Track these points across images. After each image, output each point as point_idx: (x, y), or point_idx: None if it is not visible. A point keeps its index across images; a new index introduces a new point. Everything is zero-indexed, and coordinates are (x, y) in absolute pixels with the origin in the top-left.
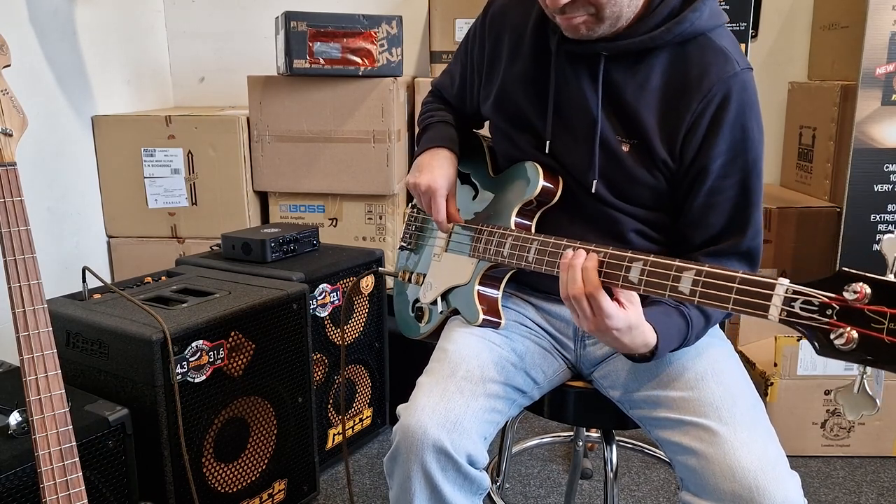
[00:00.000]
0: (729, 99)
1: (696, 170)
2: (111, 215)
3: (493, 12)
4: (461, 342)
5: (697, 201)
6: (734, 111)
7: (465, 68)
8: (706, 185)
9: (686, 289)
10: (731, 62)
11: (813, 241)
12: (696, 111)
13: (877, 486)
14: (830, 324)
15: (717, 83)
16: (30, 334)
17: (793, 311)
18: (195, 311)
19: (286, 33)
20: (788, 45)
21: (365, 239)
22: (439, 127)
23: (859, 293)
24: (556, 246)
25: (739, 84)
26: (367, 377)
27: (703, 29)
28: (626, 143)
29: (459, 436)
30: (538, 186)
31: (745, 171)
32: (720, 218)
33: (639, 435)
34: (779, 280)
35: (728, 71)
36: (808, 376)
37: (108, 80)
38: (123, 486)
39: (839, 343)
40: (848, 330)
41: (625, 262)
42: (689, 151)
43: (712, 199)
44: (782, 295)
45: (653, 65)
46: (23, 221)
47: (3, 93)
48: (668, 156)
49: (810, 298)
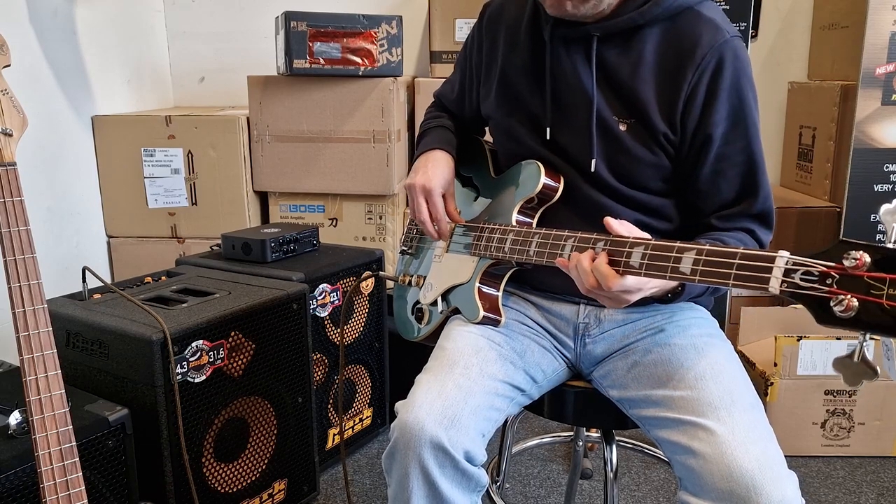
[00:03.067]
0: (723, 66)
1: (699, 139)
2: (111, 215)
3: (489, 14)
4: (461, 340)
5: (705, 170)
6: (729, 78)
7: (465, 73)
8: (712, 153)
9: (687, 269)
10: (721, 31)
11: (813, 241)
12: (692, 81)
13: (877, 486)
14: (830, 292)
15: (710, 51)
16: (30, 334)
17: (793, 282)
18: (195, 311)
19: (286, 33)
20: (788, 45)
21: (365, 239)
22: (436, 132)
23: (859, 260)
24: (558, 238)
25: (731, 51)
26: (366, 377)
27: (690, 3)
28: (623, 123)
29: (457, 432)
30: (540, 183)
31: (748, 137)
32: (730, 184)
33: (639, 435)
34: (779, 252)
35: (718, 39)
36: (808, 376)
37: (108, 80)
38: (123, 486)
39: (839, 310)
40: (848, 297)
41: (626, 248)
42: (689, 122)
43: (719, 165)
44: (783, 266)
45: (644, 41)
46: (23, 221)
47: (3, 93)
48: (668, 128)
49: (810, 268)
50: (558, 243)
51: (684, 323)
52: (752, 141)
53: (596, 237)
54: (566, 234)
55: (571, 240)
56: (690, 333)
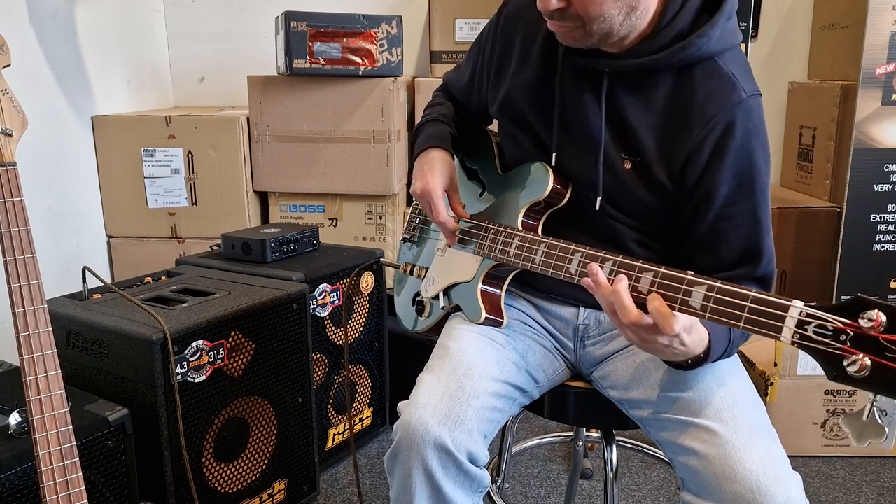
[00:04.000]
0: (733, 127)
1: (699, 195)
2: (111, 215)
3: (508, 13)
4: (463, 340)
5: (704, 227)
6: (739, 139)
7: (476, 67)
8: (712, 212)
9: (697, 303)
10: (738, 89)
11: (813, 241)
12: (696, 138)
13: (877, 486)
14: (844, 350)
15: (721, 111)
16: (30, 334)
17: (806, 335)
18: (195, 311)
19: (286, 33)
20: (788, 45)
21: (365, 239)
22: (430, 126)
23: (875, 321)
24: (564, 250)
25: (744, 112)
26: (367, 377)
27: (710, 53)
28: (628, 161)
29: (460, 433)
30: (548, 187)
31: (754, 199)
32: (732, 247)
33: (639, 435)
34: (793, 302)
35: (733, 98)
36: (808, 376)
37: (108, 80)
38: (123, 486)
39: (852, 370)
40: (861, 357)
41: (634, 273)
42: (690, 177)
43: (720, 225)
44: (796, 317)
45: (657, 86)
46: (23, 221)
47: (3, 93)
48: (666, 179)
49: (824, 323)
50: (565, 255)
51: None
52: (757, 204)
53: (604, 256)
54: (573, 247)
55: (579, 254)
56: None
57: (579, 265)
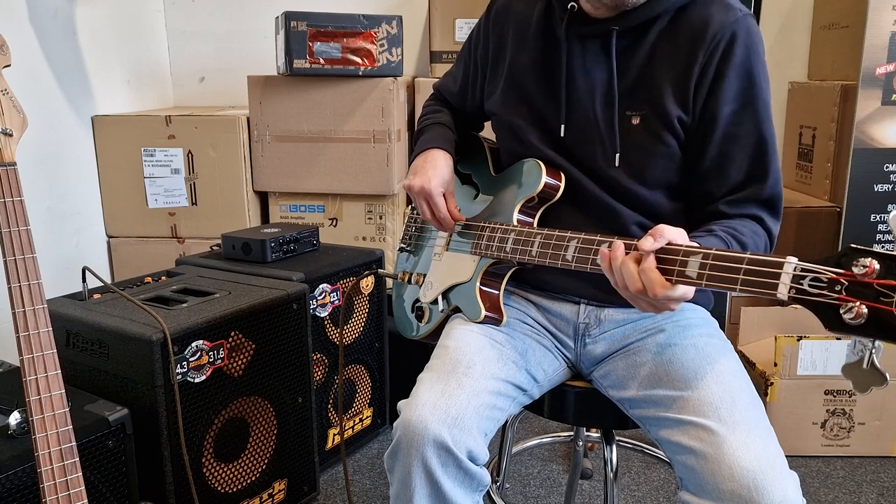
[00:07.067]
0: (734, 43)
1: (707, 118)
2: (111, 215)
3: (497, 9)
4: (463, 339)
5: (711, 151)
6: (740, 56)
7: (468, 67)
8: (718, 133)
9: (693, 272)
10: (734, 9)
11: (813, 241)
12: (702, 60)
13: (877, 486)
14: (840, 299)
15: (721, 28)
16: (30, 334)
17: (802, 288)
18: (195, 311)
19: (286, 33)
20: (788, 45)
21: (365, 239)
22: (434, 129)
23: (868, 268)
24: (560, 238)
25: (744, 29)
26: (367, 377)
27: None
28: (635, 116)
29: (460, 431)
30: (541, 183)
31: (758, 118)
32: (739, 167)
33: (639, 435)
34: (787, 258)
35: (731, 17)
36: (808, 376)
37: (108, 80)
38: (123, 486)
39: (848, 318)
40: (857, 304)
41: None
42: (699, 101)
43: (727, 146)
44: (791, 273)
45: (658, 30)
46: (23, 221)
47: (3, 93)
48: (682, 111)
49: (819, 275)
50: (561, 244)
51: (684, 323)
52: (761, 122)
53: (600, 238)
54: (569, 234)
55: (574, 241)
56: (691, 334)
57: (575, 251)
